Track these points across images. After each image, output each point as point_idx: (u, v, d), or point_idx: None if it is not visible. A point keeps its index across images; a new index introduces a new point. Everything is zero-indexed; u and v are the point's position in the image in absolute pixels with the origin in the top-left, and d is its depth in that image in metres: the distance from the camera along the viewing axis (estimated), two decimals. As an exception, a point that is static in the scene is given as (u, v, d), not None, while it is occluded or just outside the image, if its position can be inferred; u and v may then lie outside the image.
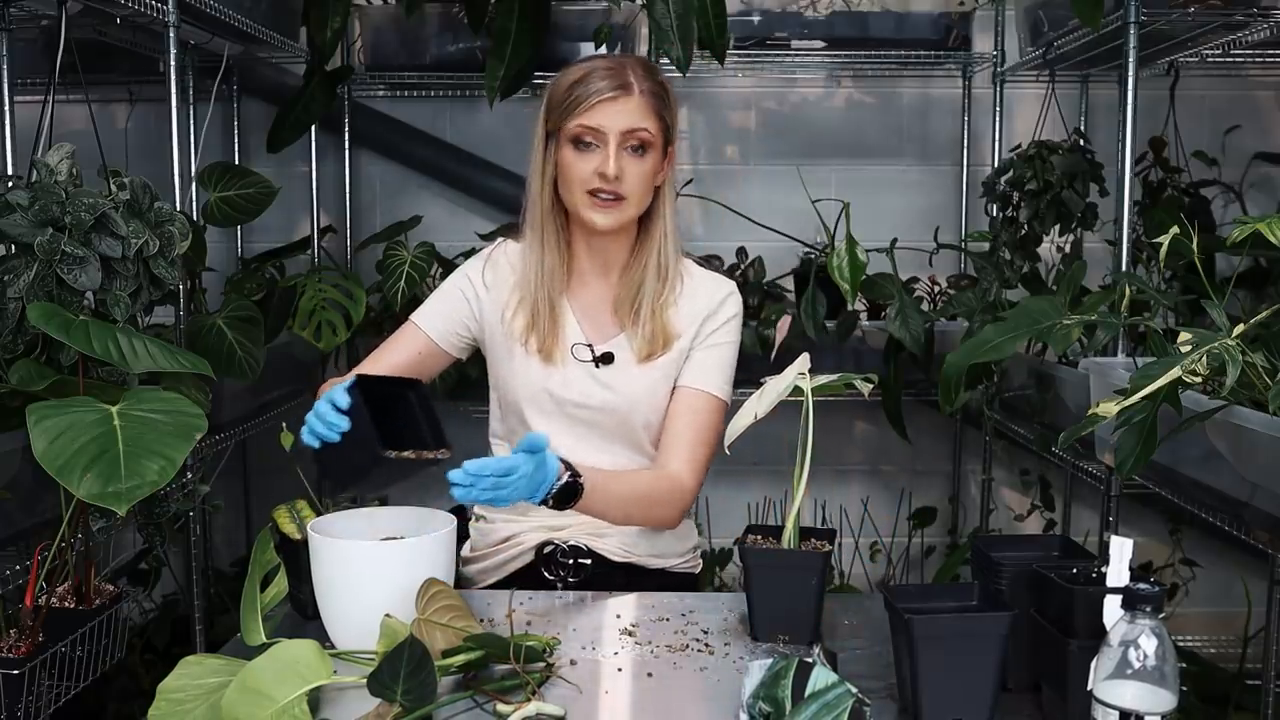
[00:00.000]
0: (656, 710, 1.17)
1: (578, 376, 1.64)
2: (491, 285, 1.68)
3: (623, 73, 1.57)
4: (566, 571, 1.63)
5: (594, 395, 1.63)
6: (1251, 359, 1.42)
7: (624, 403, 1.63)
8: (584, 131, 1.56)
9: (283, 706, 1.04)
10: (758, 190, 2.90)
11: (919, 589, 1.45)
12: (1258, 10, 2.09)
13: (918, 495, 2.98)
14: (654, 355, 1.64)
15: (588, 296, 1.68)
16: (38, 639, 1.26)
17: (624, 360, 1.64)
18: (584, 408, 1.63)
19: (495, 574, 1.68)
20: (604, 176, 1.55)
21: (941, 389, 2.21)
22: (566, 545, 1.64)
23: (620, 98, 1.55)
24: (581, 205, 1.58)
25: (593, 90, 1.55)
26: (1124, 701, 0.95)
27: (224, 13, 2.12)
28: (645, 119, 1.57)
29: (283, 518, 1.39)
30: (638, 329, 1.64)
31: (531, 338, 1.63)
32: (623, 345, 1.65)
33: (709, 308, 1.67)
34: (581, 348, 1.64)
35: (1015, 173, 2.46)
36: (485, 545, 1.70)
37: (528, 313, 1.64)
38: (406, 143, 2.93)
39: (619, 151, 1.56)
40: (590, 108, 1.55)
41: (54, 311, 1.26)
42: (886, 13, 2.81)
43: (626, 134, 1.56)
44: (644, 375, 1.64)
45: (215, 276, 2.56)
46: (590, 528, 1.64)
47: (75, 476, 1.12)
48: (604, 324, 1.67)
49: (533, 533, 1.66)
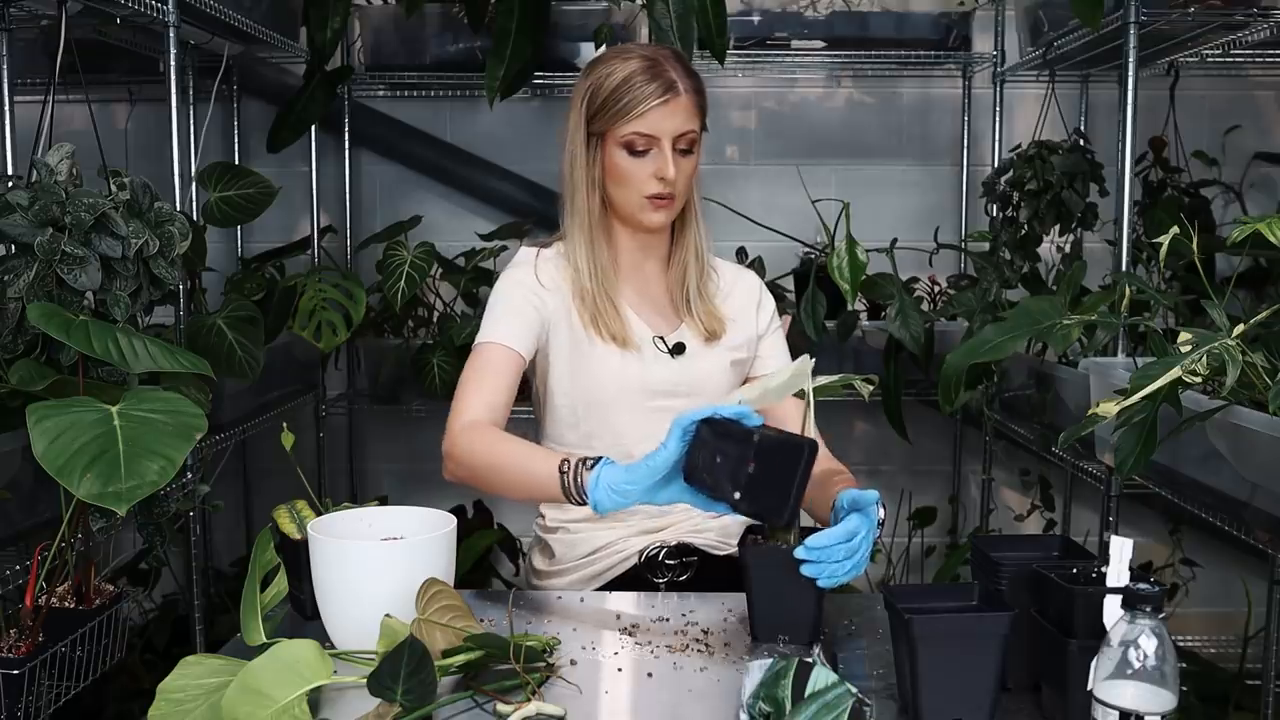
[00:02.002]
0: (656, 710, 1.17)
1: (659, 367, 1.64)
2: (550, 286, 1.64)
3: (665, 72, 1.57)
4: (673, 573, 1.62)
5: (680, 384, 1.64)
6: (1251, 359, 1.42)
7: (702, 387, 1.64)
8: (637, 139, 1.57)
9: (283, 706, 1.04)
10: (758, 190, 2.91)
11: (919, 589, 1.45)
12: (1258, 10, 2.09)
13: (918, 495, 2.98)
14: (715, 339, 1.67)
15: (641, 291, 1.68)
16: (38, 639, 1.26)
17: (694, 348, 1.66)
18: (671, 396, 1.62)
19: (590, 584, 1.64)
20: (664, 180, 1.57)
21: (941, 389, 2.21)
22: (671, 545, 1.63)
23: (670, 101, 1.56)
24: (639, 208, 1.61)
25: (645, 94, 1.55)
26: (1124, 701, 0.95)
27: (224, 13, 2.12)
28: (693, 119, 1.59)
29: (283, 518, 1.39)
30: (694, 315, 1.67)
31: (606, 335, 1.62)
32: (687, 334, 1.67)
33: (752, 296, 1.75)
34: (657, 340, 1.65)
35: (1015, 173, 2.47)
36: (575, 556, 1.65)
37: (590, 311, 1.63)
38: (406, 143, 2.94)
39: (673, 154, 1.58)
40: (643, 114, 1.56)
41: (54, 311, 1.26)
42: (886, 13, 2.81)
43: (679, 137, 1.58)
44: (714, 359, 1.67)
45: (215, 276, 2.56)
46: (689, 525, 1.64)
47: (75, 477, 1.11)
48: (666, 315, 1.68)
49: (633, 538, 1.63)
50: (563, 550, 1.67)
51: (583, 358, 1.63)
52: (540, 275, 1.65)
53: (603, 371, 1.61)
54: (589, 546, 1.65)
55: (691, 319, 1.67)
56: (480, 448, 1.45)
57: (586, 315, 1.63)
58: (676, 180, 1.58)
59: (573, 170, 1.63)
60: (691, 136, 1.60)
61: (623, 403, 1.62)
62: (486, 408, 1.51)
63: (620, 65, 1.58)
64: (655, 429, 1.60)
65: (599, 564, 1.64)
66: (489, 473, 1.45)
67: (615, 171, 1.60)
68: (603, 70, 1.59)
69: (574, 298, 1.64)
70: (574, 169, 1.63)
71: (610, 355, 1.62)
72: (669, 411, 1.61)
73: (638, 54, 1.60)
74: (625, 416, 1.62)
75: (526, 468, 1.41)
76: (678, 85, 1.57)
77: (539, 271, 1.65)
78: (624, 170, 1.59)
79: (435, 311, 2.74)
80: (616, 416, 1.62)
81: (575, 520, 1.67)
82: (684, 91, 1.57)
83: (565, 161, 1.64)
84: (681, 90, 1.57)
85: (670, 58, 1.60)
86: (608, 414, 1.63)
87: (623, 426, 1.62)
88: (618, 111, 1.56)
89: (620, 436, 1.63)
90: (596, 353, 1.62)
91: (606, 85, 1.58)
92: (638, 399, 1.62)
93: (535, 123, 2.95)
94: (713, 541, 1.65)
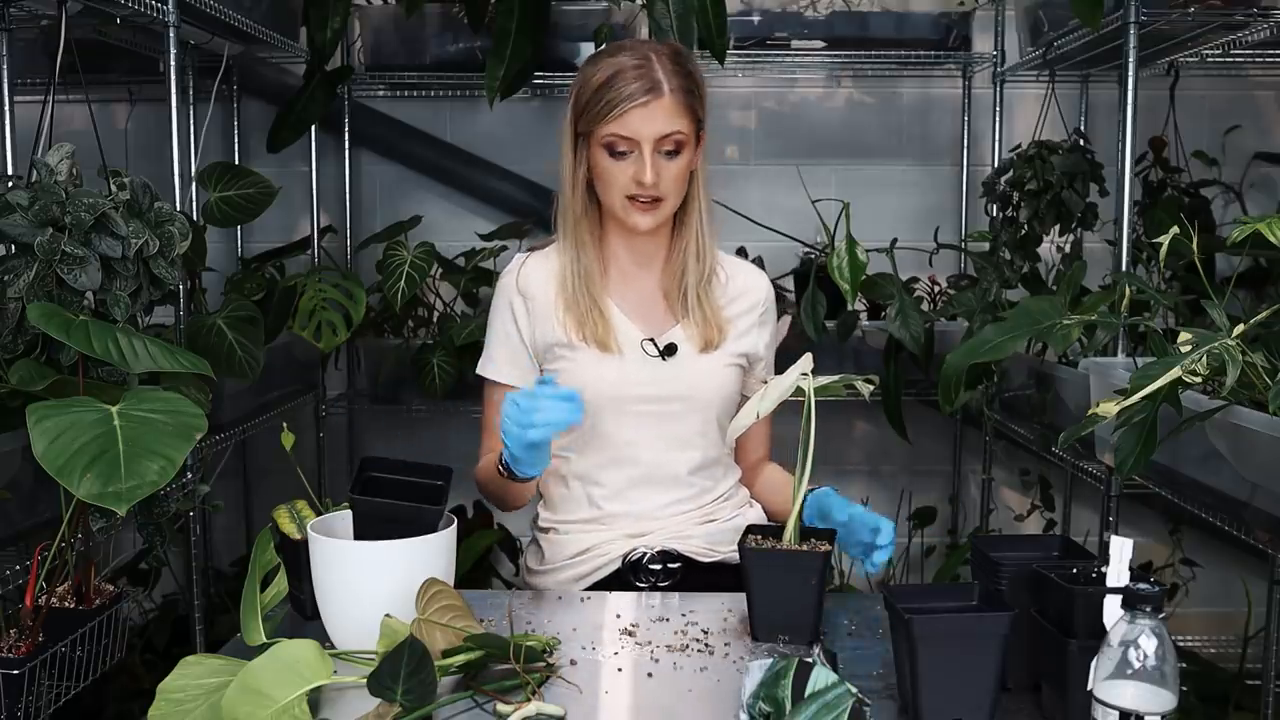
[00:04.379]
0: (656, 710, 1.17)
1: (646, 370, 1.62)
2: (530, 296, 1.65)
3: (651, 72, 1.53)
4: (656, 577, 1.62)
5: (664, 386, 1.62)
6: (1251, 359, 1.42)
7: (693, 391, 1.62)
8: (616, 140, 1.54)
9: (283, 706, 1.04)
10: (758, 190, 2.90)
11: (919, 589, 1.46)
12: (1258, 10, 2.09)
13: (918, 495, 2.98)
14: (711, 344, 1.64)
15: (634, 292, 1.67)
16: (38, 639, 1.26)
17: (686, 350, 1.63)
18: (656, 400, 1.61)
19: (575, 585, 1.64)
20: (642, 184, 1.54)
21: (941, 389, 2.21)
22: (654, 551, 1.62)
23: (651, 102, 1.52)
24: (621, 210, 1.58)
25: (623, 95, 1.51)
26: (1124, 701, 0.95)
27: (224, 13, 2.12)
28: (677, 120, 1.54)
29: (283, 518, 1.39)
30: (690, 318, 1.64)
31: (589, 339, 1.61)
32: (680, 336, 1.64)
33: (761, 300, 1.71)
34: (646, 343, 1.63)
35: (1015, 173, 2.47)
36: (563, 557, 1.65)
37: (575, 316, 1.62)
38: (406, 143, 2.94)
39: (654, 156, 1.54)
40: (621, 115, 1.52)
41: (54, 311, 1.26)
42: (886, 13, 2.81)
43: (660, 139, 1.54)
44: (708, 364, 1.64)
45: (215, 276, 2.56)
46: (673, 531, 1.63)
47: (75, 477, 1.11)
48: (658, 317, 1.66)
49: (616, 542, 1.63)
50: (551, 551, 1.67)
51: (564, 360, 1.63)
52: (523, 284, 1.66)
53: (581, 375, 1.60)
54: (576, 548, 1.65)
55: (689, 320, 1.64)
56: (482, 485, 1.65)
57: (571, 319, 1.62)
58: (659, 183, 1.55)
59: (562, 170, 1.62)
60: (678, 138, 1.55)
61: (604, 407, 1.61)
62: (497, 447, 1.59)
63: (607, 64, 1.55)
64: (642, 433, 1.62)
65: (583, 565, 1.64)
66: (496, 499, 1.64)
67: (598, 172, 1.58)
68: (591, 69, 1.57)
69: (559, 299, 1.63)
70: (563, 168, 1.62)
71: (589, 359, 1.61)
72: (657, 416, 1.62)
73: (629, 51, 1.57)
74: (611, 421, 1.61)
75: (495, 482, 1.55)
76: (661, 86, 1.52)
77: (522, 280, 1.66)
78: (605, 171, 1.56)
79: (435, 311, 2.75)
80: (600, 422, 1.61)
81: (564, 521, 1.67)
82: (669, 91, 1.53)
83: (560, 162, 1.63)
84: (666, 91, 1.53)
85: (664, 55, 1.56)
86: (593, 418, 1.61)
87: (608, 430, 1.62)
88: (599, 112, 1.53)
89: (606, 440, 1.62)
90: (578, 356, 1.62)
91: (591, 84, 1.55)
92: (621, 402, 1.61)
93: (535, 123, 2.95)
94: (698, 548, 1.64)
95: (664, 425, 1.63)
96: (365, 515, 1.28)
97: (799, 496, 1.36)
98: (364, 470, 1.32)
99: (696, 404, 1.63)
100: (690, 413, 1.63)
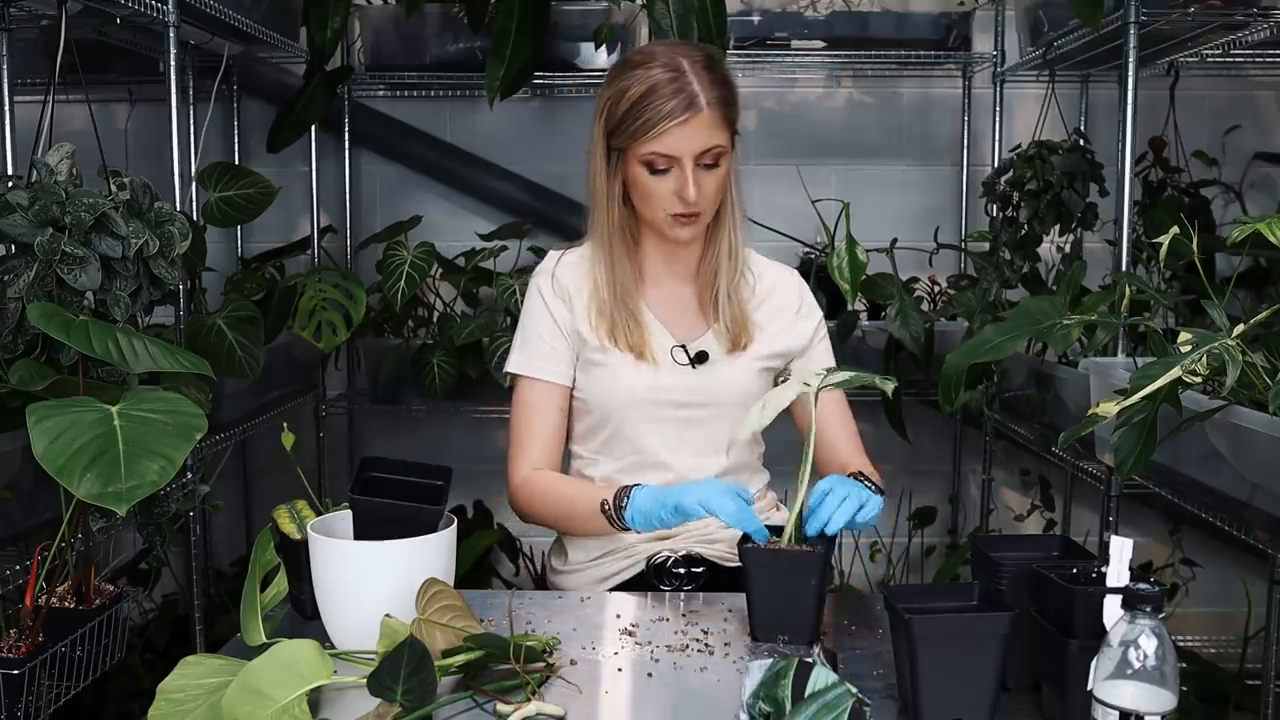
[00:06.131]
0: (656, 710, 1.17)
1: (677, 377, 1.61)
2: (566, 297, 1.64)
3: (687, 85, 1.49)
4: (680, 581, 1.61)
5: (695, 393, 1.61)
6: (1251, 359, 1.42)
7: (724, 397, 1.62)
8: (657, 158, 1.52)
9: (283, 706, 1.04)
10: (758, 190, 2.90)
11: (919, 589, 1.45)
12: (1258, 10, 2.09)
13: (918, 495, 2.98)
14: (740, 344, 1.63)
15: (668, 298, 1.66)
16: (38, 639, 1.26)
17: (717, 356, 1.63)
18: (686, 406, 1.61)
19: (599, 585, 1.64)
20: (685, 200, 1.52)
21: (941, 389, 2.21)
22: (679, 555, 1.61)
23: (691, 119, 1.49)
24: (664, 225, 1.57)
25: (662, 113, 1.48)
26: (1124, 701, 0.95)
27: (224, 13, 2.12)
28: (717, 134, 1.52)
29: (283, 518, 1.39)
30: (721, 321, 1.63)
31: (624, 345, 1.60)
32: (711, 341, 1.64)
33: (794, 295, 1.70)
34: (677, 350, 1.62)
35: (1015, 173, 2.47)
36: (586, 559, 1.65)
37: (608, 323, 1.61)
38: (406, 143, 2.94)
39: (695, 171, 1.52)
40: (661, 134, 1.49)
41: (54, 311, 1.26)
42: (886, 13, 2.81)
43: (701, 154, 1.52)
44: (738, 366, 1.63)
45: (215, 276, 2.56)
46: (700, 535, 1.62)
47: (75, 477, 1.11)
48: (691, 323, 1.65)
49: (641, 543, 1.62)
50: (575, 552, 1.67)
51: (597, 366, 1.62)
52: (559, 283, 1.65)
53: (615, 381, 1.60)
54: (600, 549, 1.65)
55: (719, 323, 1.64)
56: (536, 506, 1.62)
57: (604, 326, 1.61)
58: (701, 196, 1.53)
59: (594, 181, 1.60)
60: (717, 151, 1.53)
61: (636, 413, 1.61)
62: (540, 453, 1.61)
63: (641, 77, 1.51)
64: (674, 439, 1.61)
65: (608, 567, 1.64)
66: (550, 524, 1.65)
67: (637, 188, 1.56)
68: (623, 82, 1.53)
69: (592, 304, 1.63)
70: (595, 180, 1.60)
71: (624, 365, 1.61)
72: (688, 422, 1.62)
73: (661, 63, 1.52)
74: (642, 426, 1.62)
75: (571, 515, 1.58)
76: (699, 100, 1.49)
77: (558, 280, 1.65)
78: (645, 188, 1.54)
79: (435, 311, 2.75)
80: (632, 426, 1.62)
81: None
82: (706, 105, 1.50)
83: (589, 171, 1.61)
84: (704, 104, 1.50)
85: (698, 65, 1.52)
86: (623, 424, 1.62)
87: (639, 436, 1.62)
88: (637, 130, 1.50)
89: (637, 446, 1.63)
90: (611, 361, 1.61)
91: (626, 99, 1.51)
92: (652, 409, 1.61)
93: (535, 123, 2.95)
94: (723, 553, 1.63)
95: (693, 431, 1.63)
96: (365, 515, 1.28)
97: (799, 498, 1.35)
98: (364, 470, 1.32)
99: (726, 410, 1.62)
100: (719, 419, 1.63)
